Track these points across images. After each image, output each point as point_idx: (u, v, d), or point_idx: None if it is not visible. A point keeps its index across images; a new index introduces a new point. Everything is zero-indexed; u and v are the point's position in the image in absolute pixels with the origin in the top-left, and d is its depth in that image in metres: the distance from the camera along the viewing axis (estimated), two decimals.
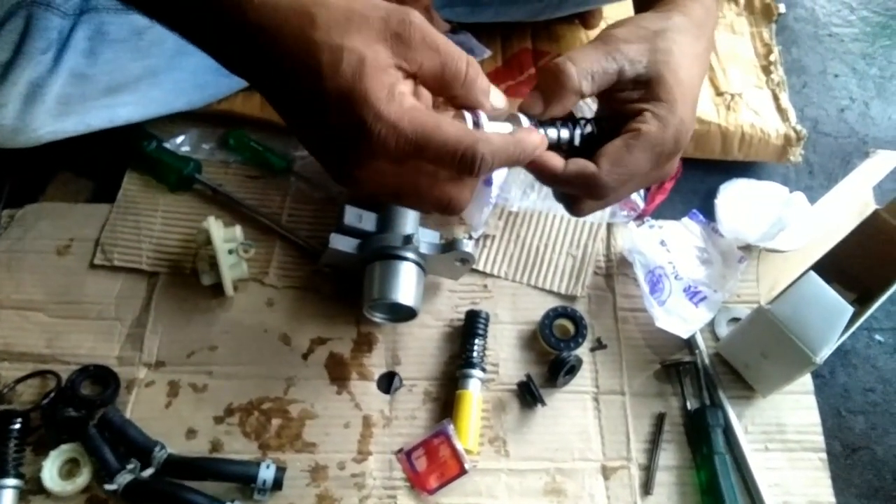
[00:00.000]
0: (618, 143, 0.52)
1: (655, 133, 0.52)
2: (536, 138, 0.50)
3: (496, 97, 0.50)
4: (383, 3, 0.45)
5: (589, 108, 0.59)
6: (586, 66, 0.51)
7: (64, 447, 0.68)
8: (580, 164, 0.52)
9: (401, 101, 0.44)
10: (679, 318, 0.77)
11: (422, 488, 0.69)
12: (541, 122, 0.53)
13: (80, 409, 0.69)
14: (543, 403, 0.73)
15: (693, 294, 0.78)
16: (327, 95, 0.43)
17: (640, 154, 0.52)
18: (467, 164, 0.45)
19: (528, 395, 0.73)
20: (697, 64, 0.56)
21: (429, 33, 0.45)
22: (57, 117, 0.73)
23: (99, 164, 0.85)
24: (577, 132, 0.54)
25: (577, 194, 0.55)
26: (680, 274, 0.79)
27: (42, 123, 0.73)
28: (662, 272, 0.79)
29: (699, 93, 0.56)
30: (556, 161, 0.52)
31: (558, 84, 0.51)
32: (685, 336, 0.76)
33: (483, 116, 0.49)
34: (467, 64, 0.47)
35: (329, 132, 0.45)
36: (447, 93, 0.48)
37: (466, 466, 0.69)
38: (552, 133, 0.53)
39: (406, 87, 0.46)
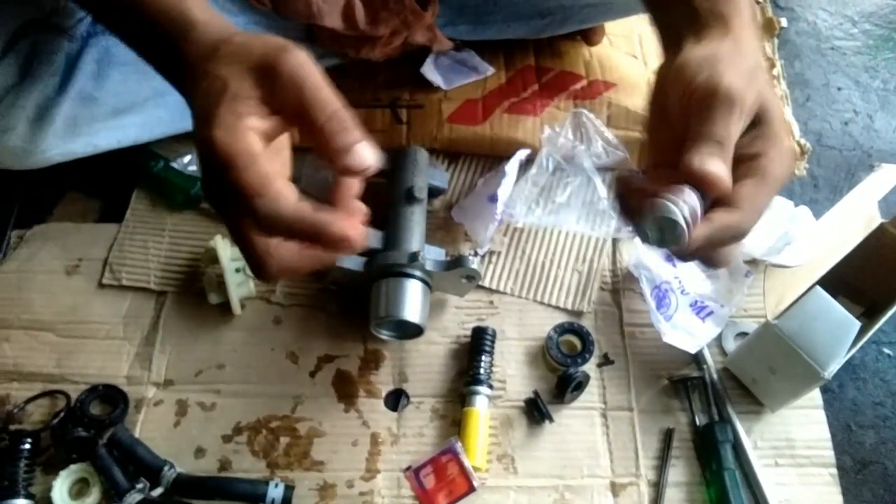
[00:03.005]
0: (749, 185, 0.52)
1: (779, 170, 0.52)
2: (345, 227, 0.50)
3: (367, 151, 0.48)
4: (275, 39, 0.48)
5: None
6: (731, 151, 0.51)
7: (73, 467, 0.68)
8: (720, 216, 0.51)
9: (244, 124, 0.46)
10: (686, 333, 0.76)
11: None
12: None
13: (90, 428, 0.69)
14: (551, 420, 0.73)
15: (700, 309, 0.78)
16: (195, 115, 0.48)
17: (769, 192, 0.53)
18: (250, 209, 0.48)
19: (535, 412, 0.73)
20: (770, 86, 0.56)
21: (298, 69, 0.46)
22: (65, 139, 0.74)
23: (107, 184, 0.86)
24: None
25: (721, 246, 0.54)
26: (686, 289, 0.79)
27: (50, 145, 0.73)
28: (669, 287, 0.79)
29: None
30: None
31: (720, 190, 0.50)
32: (692, 351, 0.76)
33: (687, 206, 0.49)
34: (331, 105, 0.47)
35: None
36: (308, 128, 0.48)
37: (475, 484, 0.69)
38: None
39: (258, 121, 0.47)
